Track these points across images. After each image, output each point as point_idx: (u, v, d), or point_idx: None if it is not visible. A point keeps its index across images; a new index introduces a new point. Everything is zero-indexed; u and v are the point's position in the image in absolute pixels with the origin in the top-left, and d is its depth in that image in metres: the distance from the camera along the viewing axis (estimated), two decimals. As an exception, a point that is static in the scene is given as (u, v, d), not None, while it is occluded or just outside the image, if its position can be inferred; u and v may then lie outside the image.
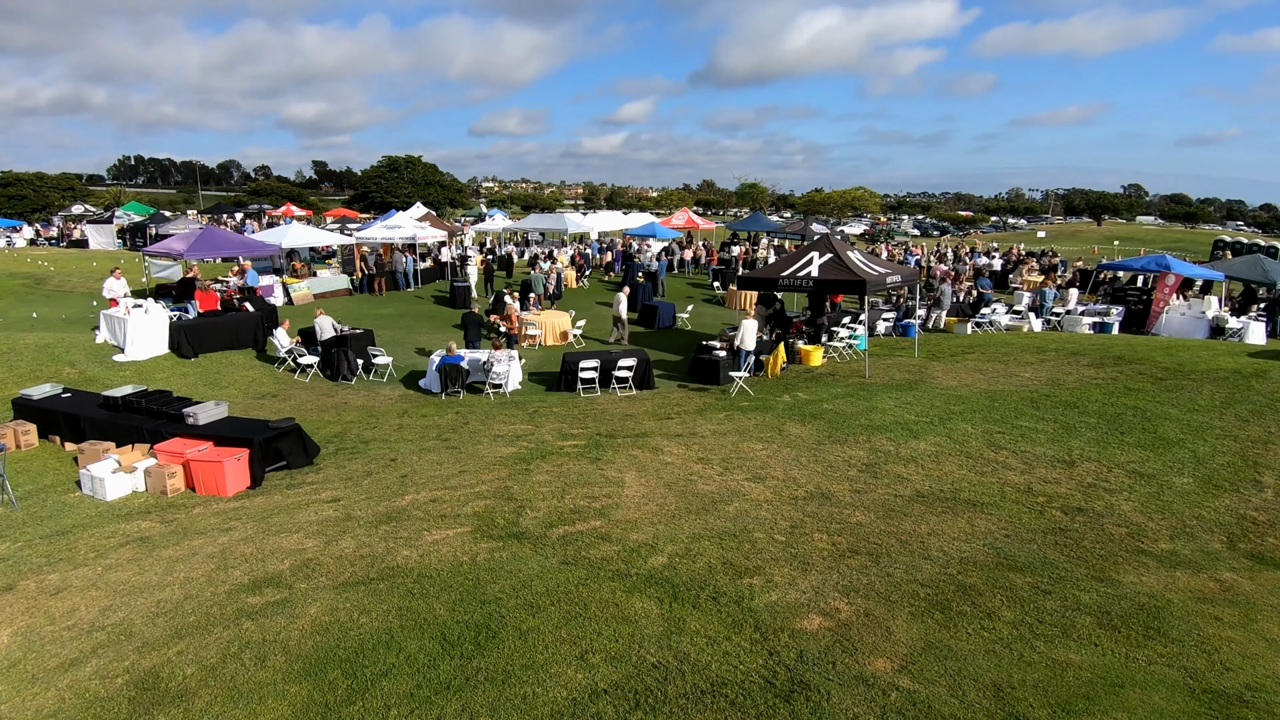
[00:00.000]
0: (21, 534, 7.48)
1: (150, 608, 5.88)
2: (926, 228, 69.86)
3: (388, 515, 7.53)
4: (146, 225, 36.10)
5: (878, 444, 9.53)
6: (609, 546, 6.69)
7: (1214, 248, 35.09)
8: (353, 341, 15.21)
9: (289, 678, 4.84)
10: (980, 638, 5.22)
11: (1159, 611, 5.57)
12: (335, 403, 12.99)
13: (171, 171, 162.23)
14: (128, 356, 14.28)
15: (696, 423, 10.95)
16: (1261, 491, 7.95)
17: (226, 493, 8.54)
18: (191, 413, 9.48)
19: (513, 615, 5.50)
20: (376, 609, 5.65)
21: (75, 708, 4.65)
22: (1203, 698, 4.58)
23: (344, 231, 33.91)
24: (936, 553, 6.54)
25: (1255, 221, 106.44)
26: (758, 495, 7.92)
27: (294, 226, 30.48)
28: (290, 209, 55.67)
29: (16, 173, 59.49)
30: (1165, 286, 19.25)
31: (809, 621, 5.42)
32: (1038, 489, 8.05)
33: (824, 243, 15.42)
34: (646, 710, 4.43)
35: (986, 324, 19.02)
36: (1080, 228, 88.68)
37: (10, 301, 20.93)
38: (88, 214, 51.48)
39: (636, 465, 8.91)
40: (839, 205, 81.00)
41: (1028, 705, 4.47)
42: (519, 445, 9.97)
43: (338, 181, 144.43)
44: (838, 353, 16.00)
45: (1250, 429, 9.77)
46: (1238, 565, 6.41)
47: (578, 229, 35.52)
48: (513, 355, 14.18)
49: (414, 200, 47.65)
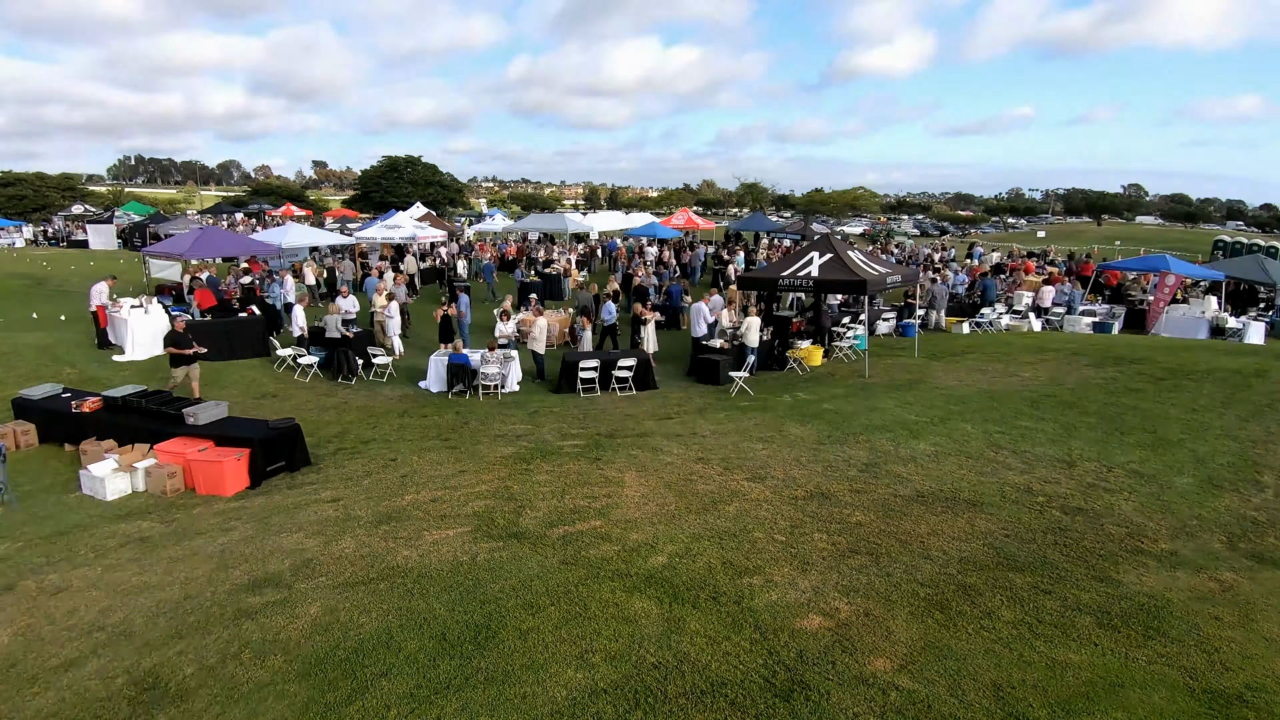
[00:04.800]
0: (21, 534, 7.48)
1: (150, 608, 5.88)
2: (926, 228, 69.83)
3: (388, 515, 7.53)
4: (146, 225, 36.14)
5: (878, 444, 9.53)
6: (609, 546, 6.69)
7: (1214, 248, 35.10)
8: (353, 341, 15.21)
9: (289, 678, 4.84)
10: (980, 637, 5.21)
11: (1159, 611, 5.56)
12: (335, 403, 12.99)
13: (172, 171, 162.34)
14: (128, 357, 14.29)
15: (696, 423, 10.95)
16: (1261, 491, 7.94)
17: (226, 492, 8.54)
18: (191, 413, 9.48)
19: (512, 615, 5.50)
20: (376, 609, 5.65)
21: (75, 708, 4.65)
22: (1203, 698, 4.57)
23: (344, 231, 33.92)
24: (936, 552, 6.54)
25: (1255, 221, 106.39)
26: (758, 495, 7.92)
27: (294, 226, 30.48)
28: (290, 209, 55.67)
29: (17, 173, 59.52)
30: (1165, 286, 19.26)
31: (809, 621, 5.42)
32: (1038, 489, 8.05)
33: (824, 243, 15.42)
34: (646, 710, 4.43)
35: (986, 324, 19.02)
36: (1080, 228, 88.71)
37: (10, 301, 20.93)
38: (88, 214, 51.48)
39: (636, 465, 8.91)
40: (839, 205, 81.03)
41: (1027, 705, 4.47)
42: (519, 445, 9.97)
43: (337, 181, 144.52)
44: (840, 352, 16.01)
45: (1250, 429, 9.77)
46: (1238, 565, 6.40)
47: (578, 229, 35.54)
48: (512, 355, 14.17)
49: (414, 200, 47.65)
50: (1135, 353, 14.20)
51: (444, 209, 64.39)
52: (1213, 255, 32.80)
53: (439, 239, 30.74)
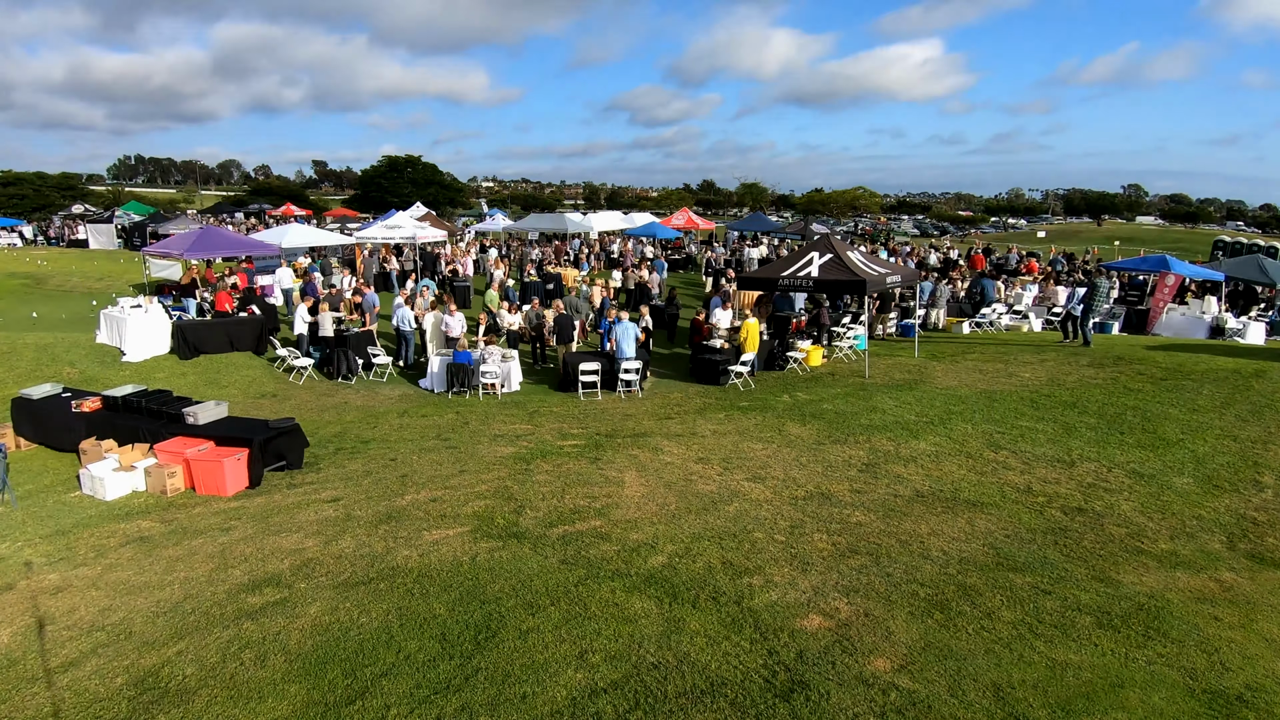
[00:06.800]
0: (21, 534, 7.48)
1: (150, 607, 5.88)
2: (926, 228, 69.84)
3: (387, 515, 7.53)
4: (146, 225, 36.13)
5: (877, 444, 9.53)
6: (609, 546, 6.69)
7: (1214, 248, 35.10)
8: (353, 341, 15.20)
9: (289, 677, 4.84)
10: (980, 638, 5.22)
11: (1159, 611, 5.57)
12: (335, 403, 12.99)
13: (171, 171, 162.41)
14: (128, 357, 14.29)
15: (696, 423, 10.95)
16: (1261, 491, 7.94)
17: (226, 492, 8.54)
18: (191, 412, 9.47)
19: (512, 615, 5.50)
20: (376, 609, 5.65)
21: (75, 708, 4.65)
22: (1203, 698, 4.57)
23: (344, 231, 33.92)
24: (936, 553, 6.54)
25: (1255, 221, 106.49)
26: (758, 495, 7.92)
27: (294, 226, 30.49)
28: (290, 209, 55.68)
29: (17, 172, 59.54)
30: (1165, 287, 19.26)
31: (809, 621, 5.42)
32: (1037, 489, 8.05)
33: (824, 243, 15.42)
34: (646, 710, 4.43)
35: (986, 324, 19.02)
36: (1080, 228, 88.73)
37: (10, 301, 20.93)
38: (88, 214, 51.48)
39: (636, 465, 8.91)
40: (839, 205, 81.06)
41: (1027, 705, 4.47)
42: (519, 445, 9.97)
43: (338, 181, 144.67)
44: (840, 352, 16.01)
45: (1250, 429, 9.77)
46: (1238, 565, 6.41)
47: (578, 229, 35.54)
48: (511, 355, 14.18)
49: (414, 200, 47.65)
50: (1135, 353, 14.20)
51: (444, 209, 64.41)
52: (1213, 255, 32.80)
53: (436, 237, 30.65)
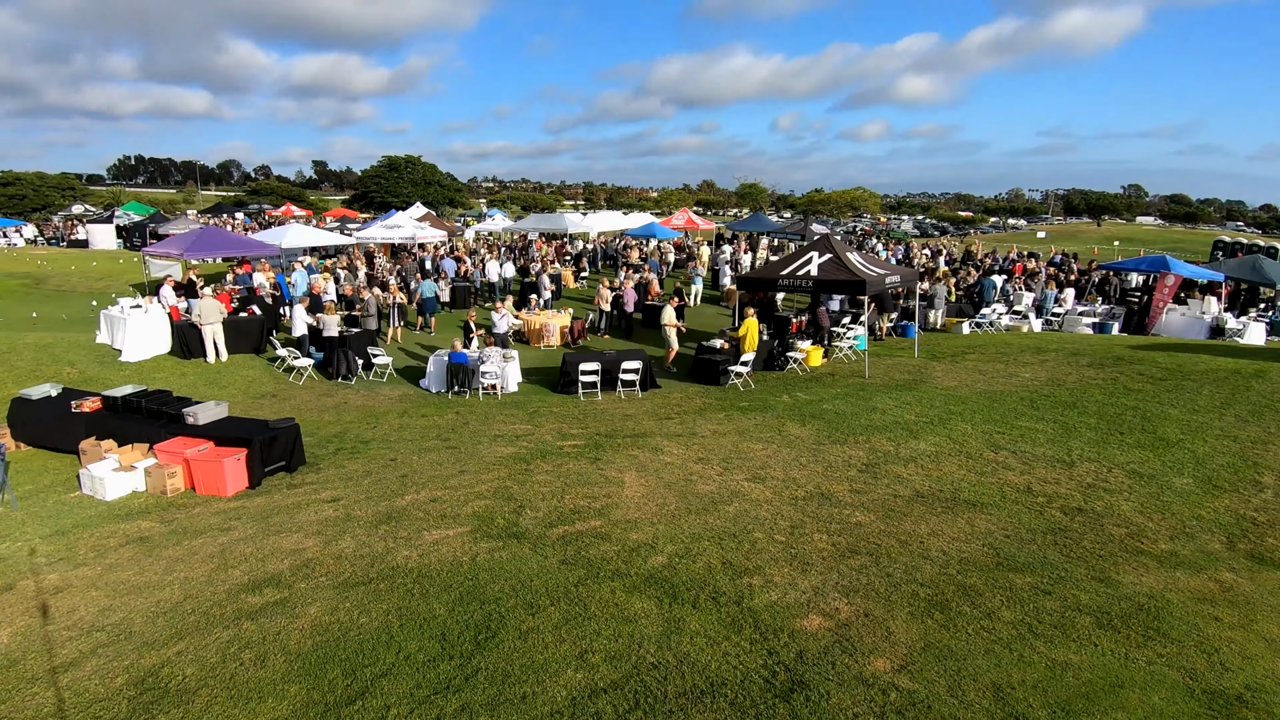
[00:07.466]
0: (21, 534, 7.48)
1: (150, 607, 5.87)
2: (926, 228, 69.84)
3: (387, 515, 7.53)
4: (146, 225, 36.16)
5: (877, 444, 9.53)
6: (608, 546, 6.69)
7: (1214, 248, 35.12)
8: (353, 341, 15.20)
9: (289, 678, 4.84)
10: (980, 638, 5.22)
11: (1159, 612, 5.57)
12: (335, 403, 12.99)
13: (171, 171, 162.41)
14: (128, 357, 14.28)
15: (696, 423, 10.95)
16: (1261, 491, 7.95)
17: (226, 492, 8.54)
18: (191, 412, 9.47)
19: (512, 615, 5.50)
20: (376, 609, 5.65)
21: (75, 708, 4.65)
22: (1202, 698, 4.58)
23: (344, 231, 33.94)
24: (936, 553, 6.54)
25: (1255, 222, 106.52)
26: (757, 495, 7.92)
27: (294, 226, 30.50)
28: (290, 209, 55.71)
29: (16, 172, 59.54)
30: (1165, 287, 19.26)
31: (808, 621, 5.42)
32: (1037, 489, 8.05)
33: (824, 243, 15.43)
34: (646, 710, 4.43)
35: (986, 324, 19.02)
36: (1080, 228, 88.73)
37: (10, 301, 20.93)
38: (88, 214, 51.51)
39: (636, 465, 8.91)
40: (839, 205, 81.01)
41: (1027, 705, 4.47)
42: (519, 445, 9.97)
43: (337, 181, 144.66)
44: (840, 352, 16.01)
45: (1250, 429, 9.77)
46: (1237, 565, 6.41)
47: (577, 229, 35.55)
48: (511, 355, 14.17)
49: (413, 200, 47.68)
50: (1135, 353, 14.21)
51: (443, 209, 64.44)
52: (1212, 256, 32.81)
53: (436, 237, 30.67)
